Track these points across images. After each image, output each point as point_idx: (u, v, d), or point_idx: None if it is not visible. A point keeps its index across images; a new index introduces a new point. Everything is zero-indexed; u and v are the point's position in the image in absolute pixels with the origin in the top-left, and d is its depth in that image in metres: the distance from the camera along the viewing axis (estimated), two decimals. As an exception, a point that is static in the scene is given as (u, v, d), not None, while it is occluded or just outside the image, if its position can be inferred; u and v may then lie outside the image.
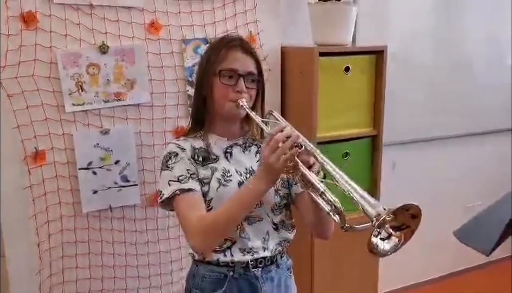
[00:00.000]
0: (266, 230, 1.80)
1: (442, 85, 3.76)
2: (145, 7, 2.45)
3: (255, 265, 1.79)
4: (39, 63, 2.28)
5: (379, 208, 1.40)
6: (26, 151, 2.31)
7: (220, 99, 1.77)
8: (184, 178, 1.71)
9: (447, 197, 3.94)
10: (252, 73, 1.79)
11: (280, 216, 1.82)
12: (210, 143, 1.81)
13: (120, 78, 2.45)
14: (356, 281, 3.04)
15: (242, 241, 1.76)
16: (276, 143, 1.54)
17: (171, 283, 2.75)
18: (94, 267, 2.57)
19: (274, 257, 1.83)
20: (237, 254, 1.76)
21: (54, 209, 2.43)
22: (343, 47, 2.77)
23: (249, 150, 1.87)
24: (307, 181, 1.59)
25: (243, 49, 1.79)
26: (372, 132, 2.94)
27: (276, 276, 1.85)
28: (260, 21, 2.73)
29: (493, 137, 4.13)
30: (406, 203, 1.38)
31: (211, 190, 1.74)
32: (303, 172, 1.56)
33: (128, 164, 2.53)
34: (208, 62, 1.79)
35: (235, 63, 1.76)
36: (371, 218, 1.40)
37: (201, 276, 1.81)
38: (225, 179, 1.76)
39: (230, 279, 1.78)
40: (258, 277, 1.80)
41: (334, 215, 1.52)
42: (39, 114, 2.31)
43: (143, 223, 2.63)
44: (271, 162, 1.54)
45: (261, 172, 1.61)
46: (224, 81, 1.75)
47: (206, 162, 1.78)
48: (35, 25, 2.24)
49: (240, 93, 1.75)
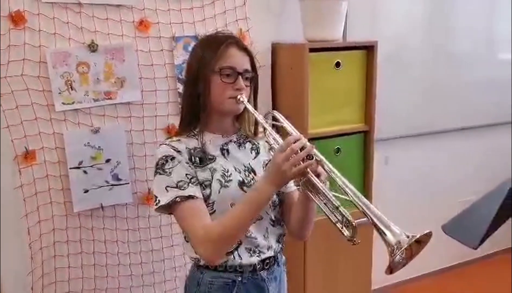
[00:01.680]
0: (265, 227, 1.80)
1: (435, 79, 3.76)
2: (134, 5, 2.45)
3: (261, 267, 1.79)
4: (28, 63, 2.27)
5: (402, 237, 1.41)
6: (16, 151, 2.31)
7: (219, 97, 1.74)
8: (184, 184, 1.68)
9: (441, 192, 3.95)
10: (248, 70, 1.79)
11: (274, 213, 1.83)
12: (205, 142, 1.78)
13: (110, 76, 2.44)
14: (349, 278, 3.05)
15: (248, 240, 1.75)
16: (292, 152, 1.54)
17: (164, 281, 2.75)
18: (86, 266, 2.57)
19: (276, 257, 1.85)
20: (245, 255, 1.75)
21: (46, 209, 2.43)
22: (333, 42, 2.78)
23: (244, 146, 1.86)
24: (314, 189, 1.62)
25: (239, 47, 1.78)
26: (363, 127, 2.95)
27: (278, 274, 1.88)
28: (250, 18, 2.73)
29: (487, 131, 4.14)
30: (427, 231, 1.40)
31: (213, 193, 1.72)
32: (314, 183, 1.58)
33: (119, 163, 2.52)
34: (203, 59, 1.75)
35: (233, 60, 1.74)
36: (391, 246, 1.42)
37: (208, 283, 1.78)
38: (226, 180, 1.74)
39: (239, 284, 1.77)
40: (265, 279, 1.81)
41: (343, 228, 1.56)
42: (29, 113, 2.31)
43: (135, 221, 2.63)
44: (284, 169, 1.54)
45: (271, 177, 1.60)
46: (224, 79, 1.73)
47: (204, 163, 1.75)
48: (23, 24, 2.24)
49: (240, 90, 1.74)
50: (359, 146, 2.98)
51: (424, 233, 1.40)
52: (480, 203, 1.22)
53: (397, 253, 1.40)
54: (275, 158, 1.57)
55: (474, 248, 1.12)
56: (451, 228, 1.21)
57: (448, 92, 3.83)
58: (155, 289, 2.74)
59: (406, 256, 1.46)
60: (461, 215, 1.25)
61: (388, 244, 1.42)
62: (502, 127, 4.17)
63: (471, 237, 1.14)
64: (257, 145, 1.89)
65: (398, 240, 1.40)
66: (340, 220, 1.56)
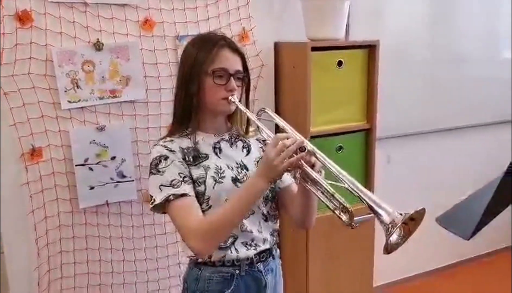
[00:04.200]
0: (258, 222, 1.84)
1: (437, 78, 3.77)
2: (139, 4, 2.48)
3: (258, 260, 1.84)
4: (34, 61, 2.30)
5: (395, 215, 1.46)
6: (23, 148, 2.34)
7: (212, 98, 1.79)
8: (177, 183, 1.72)
9: (443, 190, 3.94)
10: (240, 71, 1.83)
11: (266, 208, 1.87)
12: (198, 141, 1.82)
13: (115, 75, 2.47)
14: (351, 276, 3.07)
15: (244, 234, 1.80)
16: (283, 146, 1.58)
17: (168, 277, 2.78)
18: (92, 262, 2.60)
19: (271, 249, 1.90)
20: (242, 249, 1.80)
21: (52, 205, 2.46)
22: (335, 41, 2.80)
23: (236, 145, 1.90)
24: (310, 179, 1.66)
25: (231, 48, 1.82)
26: (365, 126, 2.96)
27: (274, 266, 1.92)
28: (253, 17, 2.76)
29: (488, 129, 4.15)
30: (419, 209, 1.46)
31: (208, 189, 1.75)
32: (309, 173, 1.62)
33: (124, 160, 2.55)
34: (196, 61, 1.78)
35: (226, 62, 1.79)
36: (386, 225, 1.46)
37: (207, 278, 1.82)
38: (219, 176, 1.78)
39: (237, 277, 1.82)
40: (262, 271, 1.86)
41: (340, 214, 1.59)
42: (35, 111, 2.34)
43: (140, 218, 2.66)
44: (276, 163, 1.58)
45: (263, 172, 1.63)
46: (217, 80, 1.77)
47: (197, 161, 1.79)
48: (30, 23, 2.27)
49: (232, 91, 1.78)
50: (361, 144, 3.00)
51: (416, 210, 1.45)
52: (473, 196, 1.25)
53: (393, 232, 1.45)
54: (266, 152, 1.62)
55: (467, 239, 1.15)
56: (445, 220, 1.25)
57: (450, 90, 3.85)
58: (159, 285, 2.77)
59: (403, 235, 1.50)
60: (454, 208, 1.29)
61: (383, 223, 1.47)
62: (505, 125, 4.18)
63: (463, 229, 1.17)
64: (249, 143, 1.93)
65: (392, 218, 1.45)
66: (338, 206, 1.60)
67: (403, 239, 1.50)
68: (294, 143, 1.59)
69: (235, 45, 1.85)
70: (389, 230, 1.45)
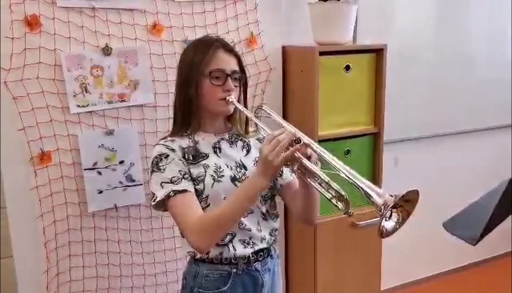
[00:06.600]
0: (257, 221, 1.87)
1: (444, 81, 3.77)
2: (147, 9, 2.49)
3: (255, 259, 1.87)
4: (43, 66, 2.32)
5: (386, 197, 1.48)
6: (32, 152, 2.35)
7: (211, 98, 1.83)
8: (177, 179, 1.75)
9: (450, 193, 3.95)
10: (236, 71, 1.86)
11: (265, 206, 1.90)
12: (198, 140, 1.86)
13: (123, 79, 2.49)
14: (359, 278, 3.06)
15: (242, 232, 1.83)
16: (277, 142, 1.60)
17: (176, 281, 2.78)
18: (101, 265, 2.61)
19: (269, 249, 1.92)
20: (239, 247, 1.82)
21: (61, 209, 2.47)
22: (343, 46, 2.80)
23: (235, 144, 1.93)
24: (307, 171, 1.66)
25: (226, 49, 1.86)
26: (373, 129, 2.96)
27: (271, 266, 1.95)
28: (261, 22, 2.77)
29: (496, 133, 4.14)
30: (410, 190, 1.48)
31: (207, 187, 1.79)
32: (305, 164, 1.63)
33: (133, 164, 2.56)
34: (193, 63, 1.83)
35: (222, 63, 1.83)
36: (378, 207, 1.48)
37: (204, 275, 1.85)
38: (218, 175, 1.81)
39: (234, 275, 1.85)
40: (259, 270, 1.89)
41: (337, 202, 1.60)
42: (44, 115, 2.35)
43: (149, 221, 2.67)
44: (271, 159, 1.59)
45: (260, 169, 1.65)
46: (214, 81, 1.81)
47: (197, 160, 1.82)
48: (39, 28, 2.28)
49: (229, 91, 1.82)
50: (369, 147, 2.99)
51: (409, 191, 1.47)
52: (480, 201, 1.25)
53: (385, 213, 1.46)
54: (261, 149, 1.64)
55: (473, 245, 1.15)
56: (451, 225, 1.25)
57: (458, 93, 3.84)
58: (168, 288, 2.78)
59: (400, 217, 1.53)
60: (461, 213, 1.29)
61: (376, 205, 1.49)
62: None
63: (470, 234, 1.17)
64: (248, 142, 1.96)
65: (384, 200, 1.47)
66: (334, 195, 1.60)
67: (400, 223, 1.53)
68: (286, 137, 1.60)
69: (230, 46, 1.90)
70: (381, 212, 1.47)
